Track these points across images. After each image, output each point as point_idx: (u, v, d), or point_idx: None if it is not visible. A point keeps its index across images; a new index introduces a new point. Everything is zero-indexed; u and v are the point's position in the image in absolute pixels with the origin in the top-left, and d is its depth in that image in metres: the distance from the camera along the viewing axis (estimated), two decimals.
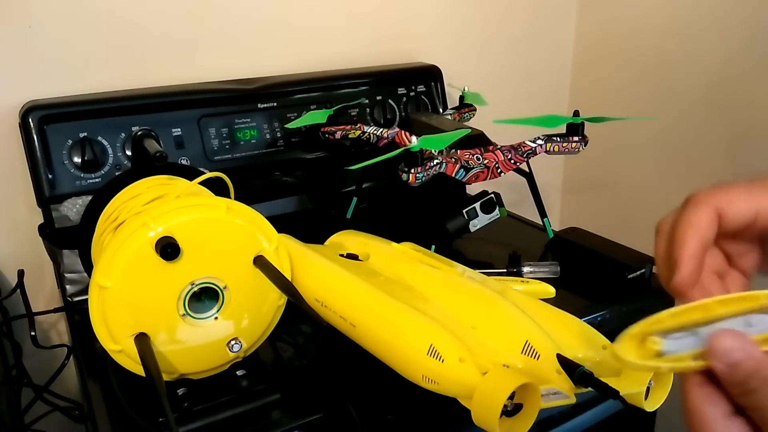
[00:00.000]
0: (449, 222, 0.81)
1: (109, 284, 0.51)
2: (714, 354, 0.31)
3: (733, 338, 0.31)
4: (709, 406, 0.31)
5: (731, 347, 0.30)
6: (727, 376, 0.30)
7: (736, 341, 0.30)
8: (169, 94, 0.85)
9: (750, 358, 0.30)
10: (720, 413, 0.31)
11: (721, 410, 0.31)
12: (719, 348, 0.31)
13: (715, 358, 0.31)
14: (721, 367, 0.30)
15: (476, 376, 0.47)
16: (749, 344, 0.31)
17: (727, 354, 0.30)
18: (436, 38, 1.11)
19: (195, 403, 0.55)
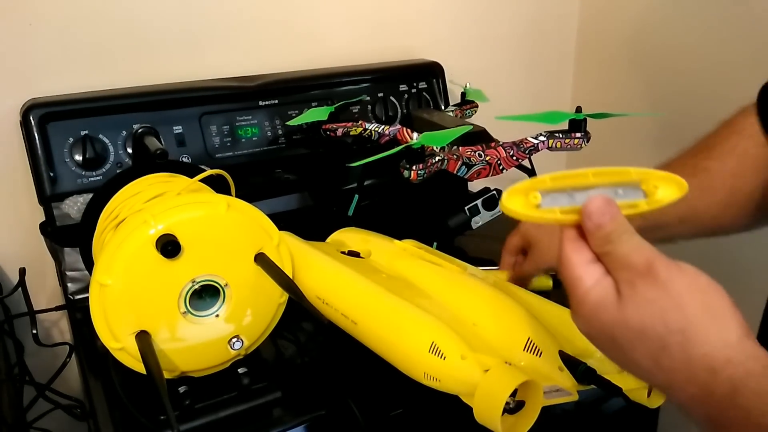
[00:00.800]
0: (451, 219, 0.81)
1: (110, 282, 0.51)
2: (586, 213, 0.37)
3: (603, 203, 0.37)
4: (576, 254, 0.38)
5: (601, 210, 0.37)
6: (593, 231, 0.37)
7: (605, 206, 0.37)
8: (171, 91, 0.85)
9: (613, 220, 0.37)
10: (584, 260, 0.38)
11: (585, 258, 0.38)
12: (591, 209, 0.37)
13: (587, 216, 0.37)
14: (590, 224, 0.37)
15: (478, 374, 0.47)
16: (615, 208, 0.37)
17: (597, 215, 0.37)
18: (437, 35, 1.11)
19: (196, 401, 0.55)
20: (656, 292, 0.36)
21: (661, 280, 0.36)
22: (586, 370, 0.49)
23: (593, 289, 0.38)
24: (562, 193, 0.39)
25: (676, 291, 0.36)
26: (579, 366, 0.50)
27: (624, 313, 0.37)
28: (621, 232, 0.37)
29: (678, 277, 0.36)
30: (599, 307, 0.37)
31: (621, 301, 0.37)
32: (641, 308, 0.36)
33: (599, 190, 0.39)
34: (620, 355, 0.38)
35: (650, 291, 0.36)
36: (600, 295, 0.38)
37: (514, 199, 0.39)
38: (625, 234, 0.37)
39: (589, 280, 0.38)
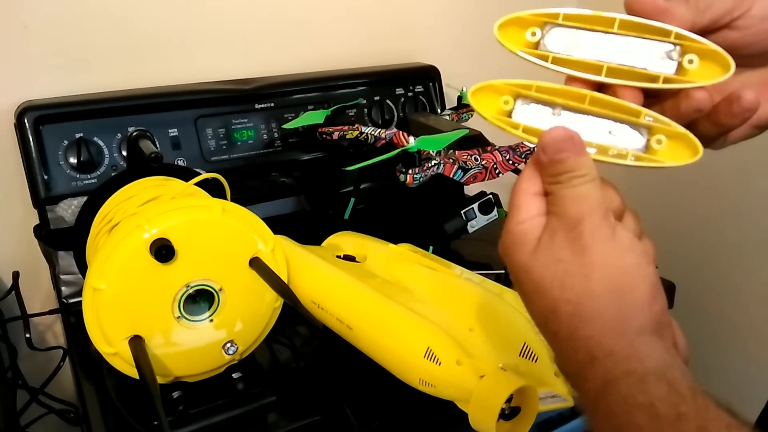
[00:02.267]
0: (447, 223, 0.81)
1: (103, 286, 0.50)
2: (541, 144, 0.34)
3: (563, 137, 0.33)
4: (527, 181, 0.36)
5: (557, 146, 0.34)
6: (544, 165, 0.34)
7: (565, 142, 0.33)
8: (166, 94, 0.85)
9: (568, 160, 0.33)
10: (530, 190, 0.35)
11: (533, 189, 0.35)
12: (547, 140, 0.34)
13: (541, 147, 0.34)
14: (542, 157, 0.34)
15: (473, 379, 0.47)
16: (579, 148, 0.33)
17: (552, 150, 0.34)
18: (434, 38, 1.11)
19: (190, 406, 0.55)
20: (568, 253, 0.33)
21: (581, 243, 0.33)
22: None
23: (521, 225, 0.35)
24: (545, 106, 0.34)
25: (589, 259, 0.33)
26: None
27: (532, 260, 0.34)
28: (573, 176, 0.33)
29: (601, 245, 0.33)
30: (517, 245, 0.35)
31: (536, 248, 0.34)
32: (547, 263, 0.34)
33: (591, 119, 0.34)
34: (522, 298, 0.36)
35: (564, 250, 0.33)
36: (522, 232, 0.35)
37: (483, 97, 0.34)
38: (577, 179, 0.33)
39: (524, 213, 0.35)
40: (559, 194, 0.34)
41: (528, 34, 0.34)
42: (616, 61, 0.34)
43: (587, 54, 0.34)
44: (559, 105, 0.34)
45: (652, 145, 0.34)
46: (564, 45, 0.34)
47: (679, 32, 0.33)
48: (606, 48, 0.34)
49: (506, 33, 0.34)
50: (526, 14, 0.34)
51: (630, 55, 0.33)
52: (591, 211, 0.33)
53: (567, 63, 0.34)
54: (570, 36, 0.34)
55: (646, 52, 0.33)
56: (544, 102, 0.34)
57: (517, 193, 0.36)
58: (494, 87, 0.34)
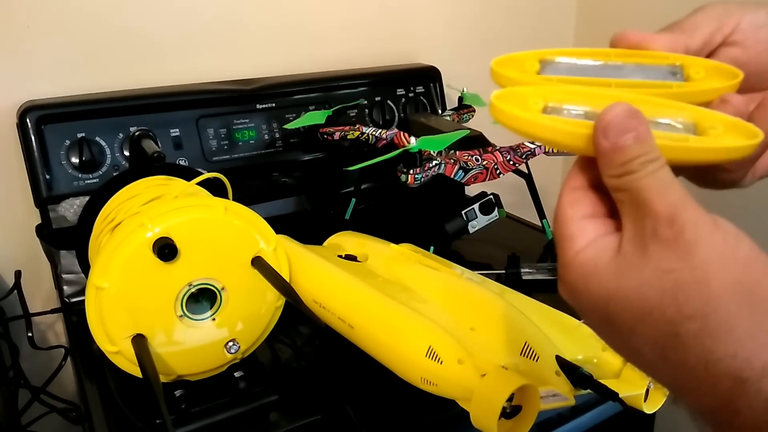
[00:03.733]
0: (448, 223, 0.81)
1: (106, 285, 0.51)
2: (602, 125, 0.28)
3: (627, 113, 0.28)
4: (572, 207, 0.30)
5: (623, 124, 0.28)
6: (608, 153, 0.28)
7: (630, 119, 0.28)
8: (168, 94, 0.85)
9: (639, 140, 0.27)
10: (578, 215, 0.30)
11: (580, 213, 0.30)
12: (609, 118, 0.28)
13: (602, 131, 0.28)
14: (605, 144, 0.28)
15: (475, 378, 0.47)
16: (644, 125, 0.28)
17: (616, 130, 0.27)
18: (435, 39, 1.11)
19: (192, 405, 0.55)
20: (674, 259, 0.26)
21: (685, 242, 0.26)
22: (583, 375, 0.49)
23: (582, 253, 0.29)
24: (575, 106, 0.31)
25: (702, 259, 0.26)
26: (576, 371, 0.50)
27: (621, 284, 0.27)
28: (647, 160, 0.27)
29: (710, 239, 0.26)
30: (588, 276, 0.29)
31: (619, 269, 0.28)
32: (647, 280, 0.27)
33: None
34: (616, 338, 0.29)
35: (665, 256, 0.26)
36: (588, 260, 0.29)
37: (508, 97, 0.31)
38: (653, 164, 0.27)
39: (580, 241, 0.29)
40: (635, 188, 0.27)
41: (527, 66, 0.33)
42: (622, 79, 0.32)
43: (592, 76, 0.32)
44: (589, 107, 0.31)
45: (703, 131, 0.30)
46: (563, 73, 0.33)
47: (678, 56, 0.32)
48: (608, 74, 0.32)
49: (504, 70, 0.32)
50: (522, 54, 0.33)
51: (632, 75, 0.32)
52: (683, 199, 0.27)
53: (573, 83, 0.32)
54: (570, 67, 0.33)
55: (650, 73, 0.32)
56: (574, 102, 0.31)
57: (563, 224, 0.30)
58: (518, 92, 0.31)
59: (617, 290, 0.28)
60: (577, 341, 0.55)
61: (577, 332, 0.57)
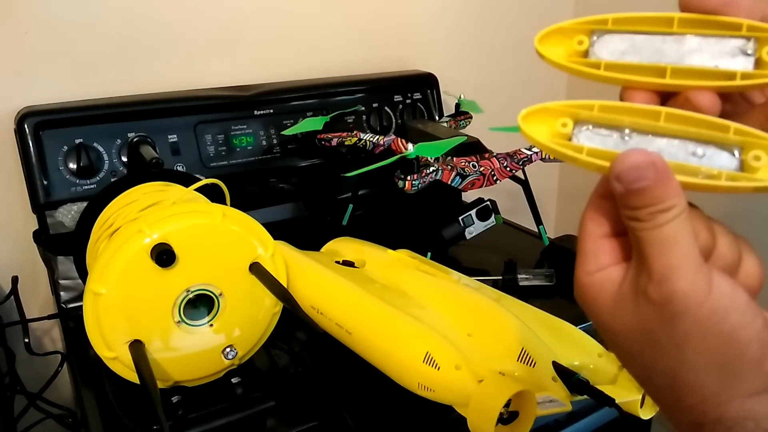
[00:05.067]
0: (445, 229, 0.81)
1: (103, 291, 0.51)
2: (615, 171, 0.27)
3: (643, 161, 0.27)
4: (590, 222, 0.30)
5: (636, 173, 0.27)
6: (621, 197, 0.27)
7: (646, 168, 0.27)
8: (166, 100, 0.85)
9: (651, 190, 0.27)
10: (597, 233, 0.30)
11: (599, 231, 0.30)
12: (621, 167, 0.27)
13: (615, 176, 0.27)
14: (617, 187, 0.27)
15: (472, 384, 0.47)
16: (663, 175, 0.26)
17: (629, 177, 0.27)
18: (432, 46, 1.12)
19: (190, 411, 0.55)
20: (656, 322, 0.27)
21: (670, 311, 0.27)
22: (580, 381, 0.49)
23: (591, 276, 0.30)
24: (611, 129, 0.28)
25: (682, 330, 0.27)
26: (572, 376, 0.50)
27: (612, 322, 0.29)
28: (656, 210, 0.27)
29: (696, 313, 0.27)
30: (591, 301, 0.30)
31: (616, 307, 0.29)
32: (632, 330, 0.29)
33: (668, 141, 0.28)
34: (616, 351, 0.31)
35: (650, 317, 0.28)
36: (594, 286, 0.30)
37: (536, 121, 0.29)
38: (662, 215, 0.27)
39: (592, 264, 0.30)
40: (640, 237, 0.27)
41: (575, 44, 0.30)
42: (681, 62, 0.28)
43: (646, 58, 0.29)
44: (627, 126, 0.28)
45: (749, 163, 0.27)
46: (617, 52, 0.29)
47: (752, 24, 0.27)
48: (666, 50, 0.29)
49: (547, 46, 0.30)
50: (569, 24, 0.30)
51: (695, 55, 0.28)
52: (681, 264, 0.27)
53: (623, 69, 0.29)
54: (623, 42, 0.29)
55: (714, 49, 0.28)
56: (609, 124, 0.29)
57: (583, 237, 0.30)
58: (549, 110, 0.29)
59: (611, 326, 0.30)
60: (573, 347, 0.55)
61: (573, 338, 0.57)
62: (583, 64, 0.30)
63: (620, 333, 0.29)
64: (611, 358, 0.54)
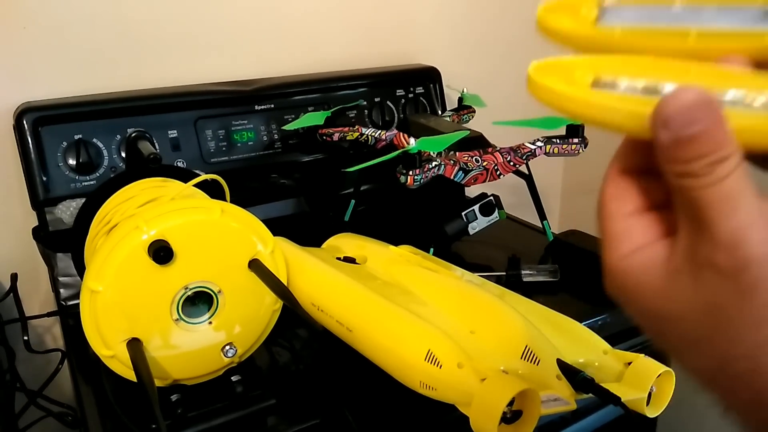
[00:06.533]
0: (448, 225, 0.81)
1: (100, 288, 0.50)
2: (661, 116, 0.22)
3: (697, 101, 0.22)
4: (613, 201, 0.26)
5: (693, 117, 0.22)
6: (668, 149, 0.23)
7: (701, 108, 0.22)
8: (165, 95, 0.85)
9: (709, 136, 0.22)
10: (624, 210, 0.26)
11: (627, 207, 0.26)
12: (671, 109, 0.22)
13: (661, 122, 0.22)
14: (665, 135, 0.22)
15: (475, 382, 0.47)
16: (716, 115, 0.22)
17: (684, 124, 0.22)
18: (434, 39, 1.11)
19: (189, 410, 0.54)
20: (729, 295, 0.23)
21: (746, 281, 0.22)
22: (585, 379, 0.48)
23: (627, 260, 0.26)
24: (634, 80, 0.25)
25: (762, 302, 0.23)
26: (577, 374, 0.49)
27: (672, 305, 0.25)
28: (714, 161, 0.22)
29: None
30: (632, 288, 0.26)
31: (670, 284, 0.24)
32: (700, 308, 0.24)
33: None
34: (670, 351, 0.27)
35: (721, 290, 0.23)
36: (637, 266, 0.25)
37: (550, 69, 0.26)
38: (721, 166, 0.22)
39: (626, 244, 0.26)
40: (695, 199, 0.23)
41: (582, 14, 0.27)
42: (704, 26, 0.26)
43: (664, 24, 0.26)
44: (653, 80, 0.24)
45: None
46: (630, 22, 0.27)
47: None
48: (685, 19, 0.26)
49: (551, 18, 0.28)
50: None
51: (717, 21, 0.26)
52: (752, 223, 0.22)
53: (641, 35, 0.26)
54: (635, 13, 0.27)
55: (737, 16, 0.25)
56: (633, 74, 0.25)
57: (606, 219, 0.26)
58: (563, 65, 0.26)
59: (667, 311, 0.25)
60: (578, 344, 0.55)
61: (578, 335, 0.56)
62: (594, 30, 0.27)
63: (680, 318, 0.25)
64: (617, 355, 0.53)
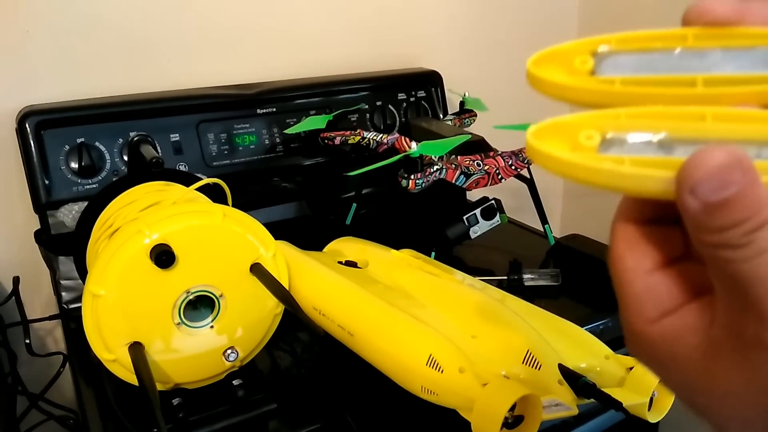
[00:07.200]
0: (449, 229, 0.80)
1: (102, 292, 0.50)
2: (693, 182, 0.19)
3: (727, 159, 0.19)
4: (630, 257, 0.23)
5: (726, 180, 0.19)
6: (697, 217, 0.20)
7: (732, 169, 0.19)
8: (167, 99, 0.85)
9: (743, 199, 0.19)
10: (643, 266, 0.23)
11: (647, 262, 0.23)
12: (706, 174, 0.19)
13: (688, 187, 0.19)
14: (695, 205, 0.19)
15: (476, 387, 0.46)
16: (752, 176, 0.19)
17: (716, 188, 0.19)
18: (436, 43, 1.11)
19: (190, 414, 0.54)
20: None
21: None
22: (586, 384, 0.48)
23: (659, 325, 0.22)
24: (646, 135, 0.22)
25: None
26: (578, 379, 0.49)
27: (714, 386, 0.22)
28: (753, 228, 0.19)
29: None
30: (668, 358, 0.23)
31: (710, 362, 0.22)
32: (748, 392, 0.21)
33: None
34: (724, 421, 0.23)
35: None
36: (668, 336, 0.22)
37: (551, 132, 0.23)
38: (762, 233, 0.19)
39: (654, 308, 0.22)
40: (738, 271, 0.19)
41: (577, 65, 0.25)
42: (710, 72, 0.23)
43: (666, 73, 0.24)
44: (666, 133, 0.22)
45: None
46: (629, 70, 0.24)
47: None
48: (688, 65, 0.24)
49: (543, 70, 0.25)
50: (567, 45, 0.25)
51: (723, 66, 0.23)
52: None
53: (643, 83, 0.24)
54: (634, 61, 0.25)
55: (743, 60, 0.23)
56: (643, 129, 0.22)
57: (624, 279, 0.23)
58: (564, 124, 0.23)
59: (710, 388, 0.22)
60: (579, 349, 0.55)
61: (579, 339, 0.56)
62: (591, 82, 0.25)
63: (728, 396, 0.21)
64: (618, 360, 0.53)
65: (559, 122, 0.23)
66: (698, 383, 0.22)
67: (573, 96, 0.25)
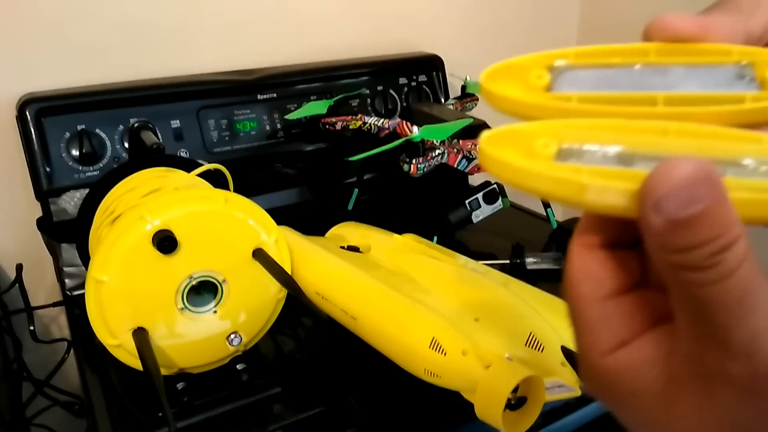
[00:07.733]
0: (451, 213, 0.80)
1: (105, 278, 0.50)
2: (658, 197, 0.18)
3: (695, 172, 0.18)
4: (586, 283, 0.21)
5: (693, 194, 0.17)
6: (662, 235, 0.18)
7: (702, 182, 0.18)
8: (168, 85, 0.84)
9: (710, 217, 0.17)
10: (598, 294, 0.21)
11: (602, 289, 0.21)
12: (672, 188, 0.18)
13: (656, 205, 0.18)
14: (658, 221, 0.18)
15: (479, 369, 0.47)
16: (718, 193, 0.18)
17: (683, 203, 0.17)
18: (437, 27, 1.10)
19: (195, 398, 0.55)
20: (749, 410, 0.19)
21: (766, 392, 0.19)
22: None
23: (615, 356, 0.21)
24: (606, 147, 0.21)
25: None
26: None
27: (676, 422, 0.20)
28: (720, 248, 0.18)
29: None
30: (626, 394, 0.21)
31: (671, 395, 0.20)
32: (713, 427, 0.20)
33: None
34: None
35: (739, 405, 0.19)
36: (625, 368, 0.21)
37: (505, 139, 0.22)
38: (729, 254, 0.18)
39: (609, 338, 0.21)
40: (703, 296, 0.18)
41: (532, 79, 0.24)
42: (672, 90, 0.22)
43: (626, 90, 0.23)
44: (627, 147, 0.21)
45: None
46: (588, 86, 0.23)
47: (743, 48, 0.22)
48: (649, 82, 0.23)
49: (497, 85, 0.24)
50: (522, 59, 0.24)
51: (686, 83, 0.23)
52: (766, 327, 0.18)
53: (600, 101, 0.23)
54: (592, 76, 0.23)
55: (706, 78, 0.22)
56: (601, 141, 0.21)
57: (577, 306, 0.22)
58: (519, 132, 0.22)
59: (671, 425, 0.20)
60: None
61: None
62: (547, 98, 0.23)
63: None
64: None
65: (515, 129, 0.22)
66: (658, 420, 0.21)
67: (527, 112, 0.23)
